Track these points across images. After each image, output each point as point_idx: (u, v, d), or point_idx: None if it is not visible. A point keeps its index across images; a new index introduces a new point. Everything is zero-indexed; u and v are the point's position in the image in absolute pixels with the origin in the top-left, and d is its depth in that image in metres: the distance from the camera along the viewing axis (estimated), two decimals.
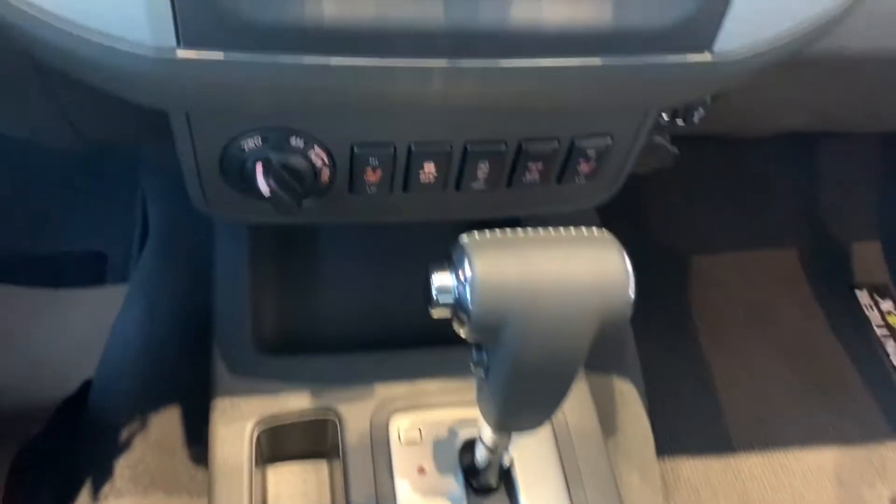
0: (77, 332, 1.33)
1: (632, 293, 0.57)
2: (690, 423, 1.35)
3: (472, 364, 0.62)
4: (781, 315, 1.54)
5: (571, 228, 0.59)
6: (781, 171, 1.66)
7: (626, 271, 0.57)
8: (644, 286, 0.58)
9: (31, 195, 1.50)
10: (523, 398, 0.62)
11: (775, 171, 1.66)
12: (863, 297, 1.61)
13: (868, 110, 0.90)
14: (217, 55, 0.50)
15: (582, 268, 0.57)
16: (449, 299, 0.57)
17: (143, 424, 0.96)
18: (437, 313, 0.58)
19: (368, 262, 0.97)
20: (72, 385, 1.20)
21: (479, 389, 0.65)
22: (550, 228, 0.59)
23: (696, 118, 0.81)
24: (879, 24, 0.70)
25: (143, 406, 0.96)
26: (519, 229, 0.58)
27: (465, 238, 0.57)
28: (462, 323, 0.57)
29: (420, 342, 0.85)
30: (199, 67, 0.51)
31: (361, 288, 0.95)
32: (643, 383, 1.15)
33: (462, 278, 0.56)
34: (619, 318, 0.58)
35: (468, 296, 0.55)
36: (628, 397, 1.06)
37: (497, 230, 0.58)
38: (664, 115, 0.79)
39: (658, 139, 0.86)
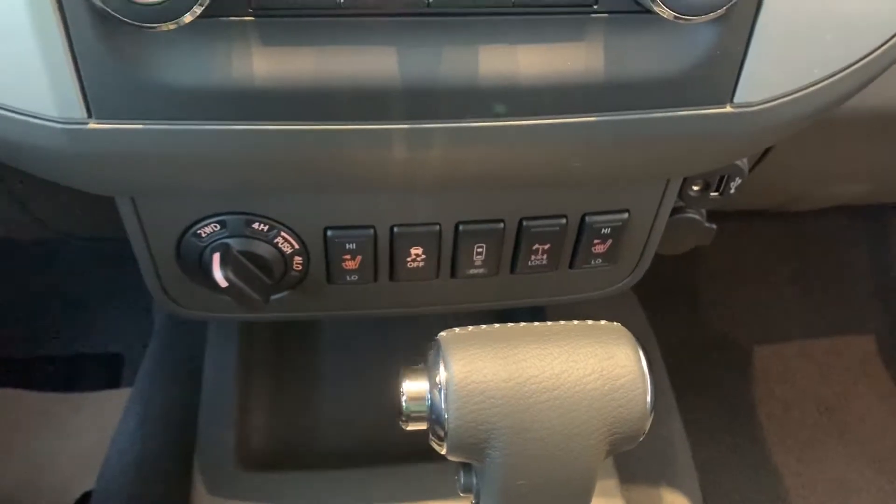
0: (84, 437, 1.29)
1: (650, 401, 0.46)
2: None
3: (458, 488, 0.50)
4: (859, 412, 1.36)
5: (574, 322, 0.48)
6: (849, 246, 1.51)
7: (642, 373, 0.46)
8: (699, 380, 0.47)
9: (54, 297, 1.48)
10: None
11: (842, 247, 1.51)
12: None
13: None
14: (136, 126, 0.43)
15: (586, 370, 0.46)
16: (423, 410, 0.47)
17: None
18: (411, 426, 0.48)
19: (366, 365, 0.88)
20: (71, 496, 1.14)
21: None
22: (549, 322, 0.48)
23: (732, 189, 0.71)
24: None
25: None
26: (510, 324, 0.48)
27: (443, 334, 0.47)
28: (440, 439, 0.46)
29: (417, 456, 0.74)
30: (119, 142, 0.44)
31: (356, 393, 0.85)
32: (700, 494, 1.00)
33: (437, 384, 0.46)
34: (635, 431, 0.46)
35: (443, 405, 0.45)
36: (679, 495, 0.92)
37: (483, 325, 0.48)
38: (694, 186, 0.69)
39: (692, 214, 0.76)
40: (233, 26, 0.41)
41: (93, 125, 0.43)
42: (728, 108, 0.47)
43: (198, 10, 0.37)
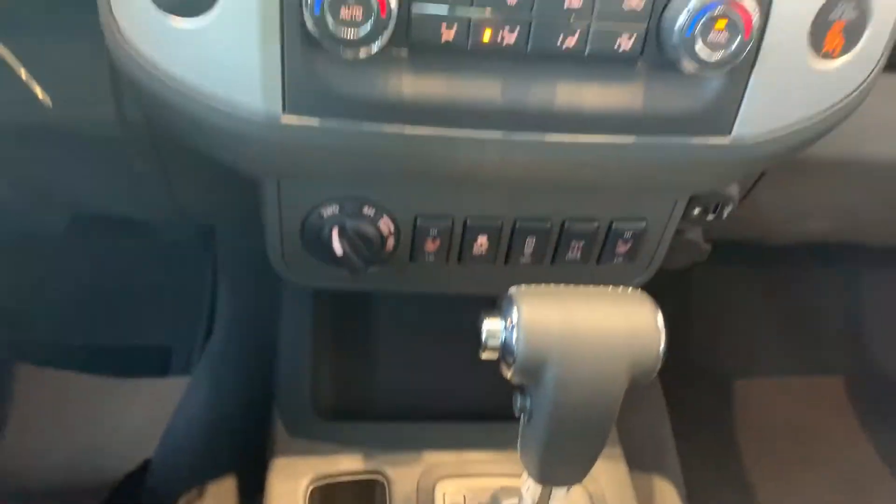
0: (136, 421, 1.38)
1: (662, 346, 0.63)
2: None
3: (515, 409, 0.67)
4: (835, 441, 1.52)
5: (610, 287, 0.66)
6: (822, 286, 1.69)
7: (658, 327, 0.63)
8: (684, 405, 0.62)
9: (103, 290, 1.61)
10: (563, 445, 0.67)
11: (816, 286, 1.69)
12: None
13: (886, 220, 0.97)
14: (314, 121, 0.61)
15: (618, 320, 0.63)
16: (497, 343, 0.64)
17: (201, 494, 1.01)
18: (487, 355, 0.64)
19: (421, 337, 1.05)
20: (129, 467, 1.25)
21: (522, 437, 0.70)
22: (591, 286, 0.66)
23: (725, 214, 0.89)
24: (882, 131, 0.79)
25: (203, 476, 1.02)
26: (562, 284, 0.66)
27: (513, 289, 0.65)
28: (508, 365, 0.63)
29: (468, 416, 0.91)
30: (297, 132, 0.62)
31: (414, 361, 1.02)
32: (684, 487, 1.16)
33: (509, 324, 0.63)
34: (650, 369, 0.63)
35: (514, 339, 0.62)
36: (667, 494, 1.07)
37: (542, 284, 0.65)
38: (695, 209, 0.87)
39: (691, 235, 0.94)
40: (394, 56, 0.60)
41: (284, 118, 0.61)
42: (727, 139, 0.66)
43: (382, 43, 0.56)
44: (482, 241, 0.78)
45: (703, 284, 1.61)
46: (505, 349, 0.63)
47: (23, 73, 0.64)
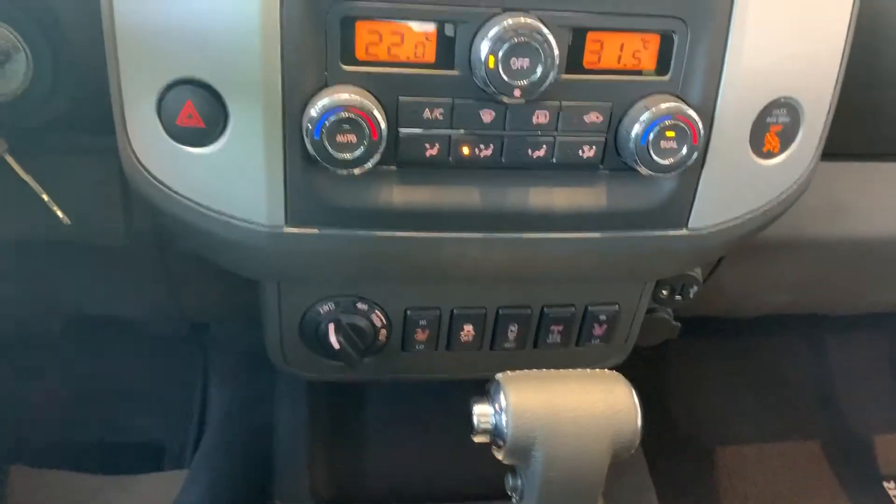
0: None
1: (640, 422, 0.69)
2: None
3: (508, 489, 0.72)
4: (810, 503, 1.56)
5: (588, 370, 0.72)
6: (792, 355, 1.76)
7: (634, 404, 0.69)
8: (668, 475, 0.66)
9: (94, 386, 1.61)
10: None
11: (787, 356, 1.75)
12: (892, 489, 1.63)
13: (841, 291, 1.05)
14: (314, 231, 0.68)
15: (597, 400, 0.69)
16: (488, 426, 0.69)
17: None
18: (478, 439, 0.70)
19: (415, 421, 1.09)
20: None
21: None
22: (571, 370, 0.72)
23: (691, 294, 0.97)
24: (826, 212, 0.87)
25: None
26: (545, 369, 0.72)
27: (500, 375, 0.70)
28: (499, 447, 0.68)
29: (463, 497, 0.94)
30: (299, 240, 0.68)
31: (409, 444, 1.06)
32: None
33: (498, 408, 0.68)
34: (630, 443, 0.69)
35: (504, 423, 0.67)
36: None
37: (526, 370, 0.71)
38: (663, 290, 0.94)
39: (662, 314, 1.01)
40: (384, 171, 0.67)
41: (286, 229, 0.67)
42: (684, 231, 0.73)
43: (374, 162, 0.63)
44: (468, 330, 0.84)
45: (678, 358, 1.67)
46: (495, 432, 0.68)
47: (45, 197, 0.70)
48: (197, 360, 1.51)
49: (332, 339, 0.79)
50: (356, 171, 0.63)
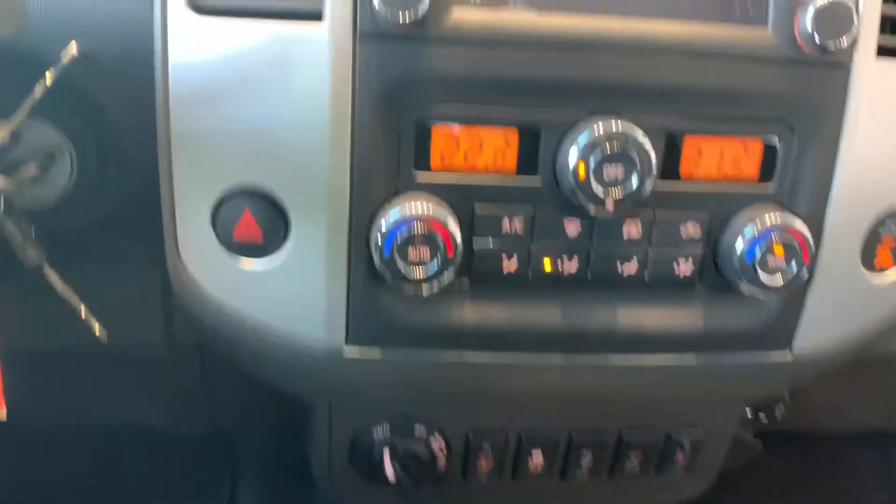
0: None
1: None
2: None
3: None
4: None
5: None
6: (865, 474, 1.62)
7: None
8: None
9: (119, 489, 1.55)
10: None
11: (859, 474, 1.62)
12: None
13: None
14: (375, 352, 0.61)
15: None
16: None
17: None
18: None
19: None
20: None
21: None
22: None
23: (777, 414, 0.88)
24: None
25: None
26: None
27: None
28: None
29: None
30: (359, 362, 0.61)
31: None
32: None
33: None
34: None
35: None
36: None
37: None
38: (748, 410, 0.85)
39: (743, 434, 0.92)
40: (455, 287, 0.60)
41: (347, 348, 0.60)
42: (788, 353, 0.65)
43: (447, 279, 0.56)
44: (537, 457, 0.75)
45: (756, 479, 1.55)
46: None
47: (82, 311, 0.64)
48: (224, 467, 1.43)
49: (388, 469, 0.71)
50: (426, 289, 0.57)
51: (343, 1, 0.53)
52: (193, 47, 0.54)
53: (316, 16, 0.53)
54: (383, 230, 0.55)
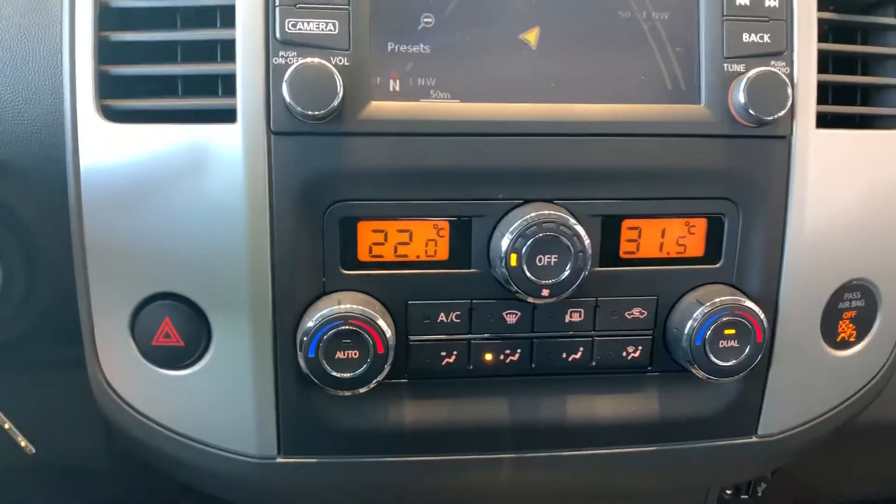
0: None
1: None
2: None
3: None
4: None
5: None
6: None
7: None
8: None
9: None
10: None
11: None
12: None
13: None
14: (311, 460, 0.57)
15: None
16: None
17: None
18: None
19: None
20: None
21: None
22: None
23: (759, 492, 0.83)
24: None
25: None
26: None
27: None
28: None
29: None
30: (294, 471, 0.57)
31: None
32: None
33: None
34: None
35: None
36: None
37: None
38: (727, 490, 0.81)
39: None
40: (393, 386, 0.57)
41: (280, 459, 0.57)
42: (753, 439, 0.61)
43: (378, 380, 0.53)
44: None
45: None
46: None
47: (6, 425, 0.61)
48: None
49: None
50: (359, 390, 0.53)
51: (255, 100, 0.51)
52: (105, 154, 0.52)
53: (229, 117, 0.51)
54: (308, 332, 0.52)
